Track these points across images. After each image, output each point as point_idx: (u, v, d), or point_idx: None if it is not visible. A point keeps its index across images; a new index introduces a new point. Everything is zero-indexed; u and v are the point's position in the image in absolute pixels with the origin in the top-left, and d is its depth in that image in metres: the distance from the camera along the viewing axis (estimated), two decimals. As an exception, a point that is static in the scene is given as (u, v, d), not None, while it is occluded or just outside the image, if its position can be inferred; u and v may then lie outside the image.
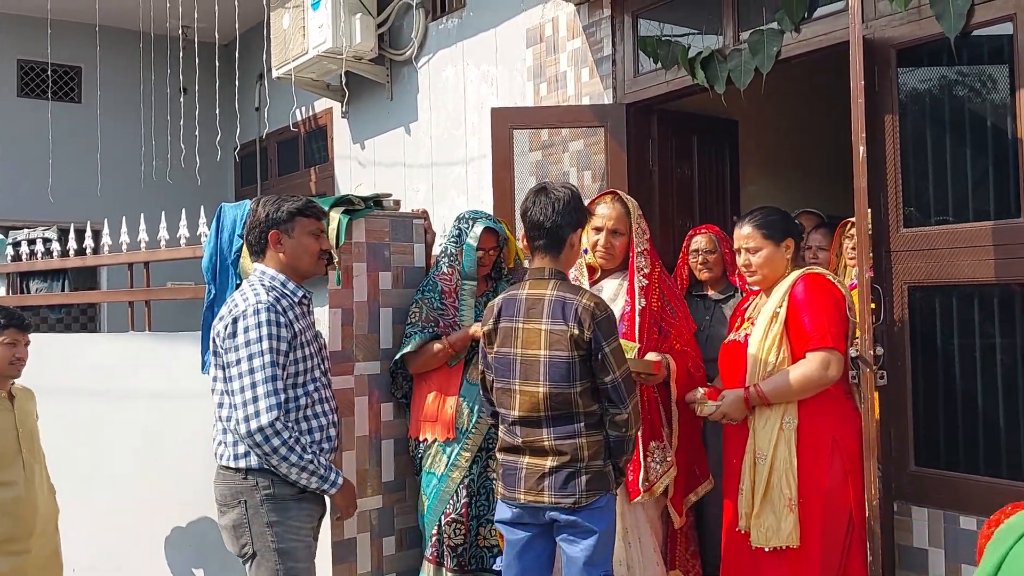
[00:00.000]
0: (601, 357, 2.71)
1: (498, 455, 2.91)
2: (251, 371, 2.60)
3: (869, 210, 3.20)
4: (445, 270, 3.76)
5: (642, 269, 3.31)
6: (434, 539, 3.64)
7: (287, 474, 2.64)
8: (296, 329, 2.70)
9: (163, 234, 4.41)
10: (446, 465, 3.63)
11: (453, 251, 3.76)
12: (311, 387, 2.75)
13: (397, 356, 3.68)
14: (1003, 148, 3.21)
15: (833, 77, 5.32)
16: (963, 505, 3.24)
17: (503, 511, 2.88)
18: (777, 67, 3.94)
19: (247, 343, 2.61)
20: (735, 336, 3.20)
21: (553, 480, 2.73)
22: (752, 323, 3.13)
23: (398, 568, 3.85)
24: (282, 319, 2.65)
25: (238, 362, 2.62)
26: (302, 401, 2.73)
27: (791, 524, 2.94)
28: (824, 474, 2.97)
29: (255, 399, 2.59)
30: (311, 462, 2.66)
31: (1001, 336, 3.25)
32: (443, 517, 3.63)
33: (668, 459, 3.24)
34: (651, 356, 3.13)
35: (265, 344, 2.60)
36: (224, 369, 2.66)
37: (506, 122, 4.67)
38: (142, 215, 4.59)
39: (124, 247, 4.59)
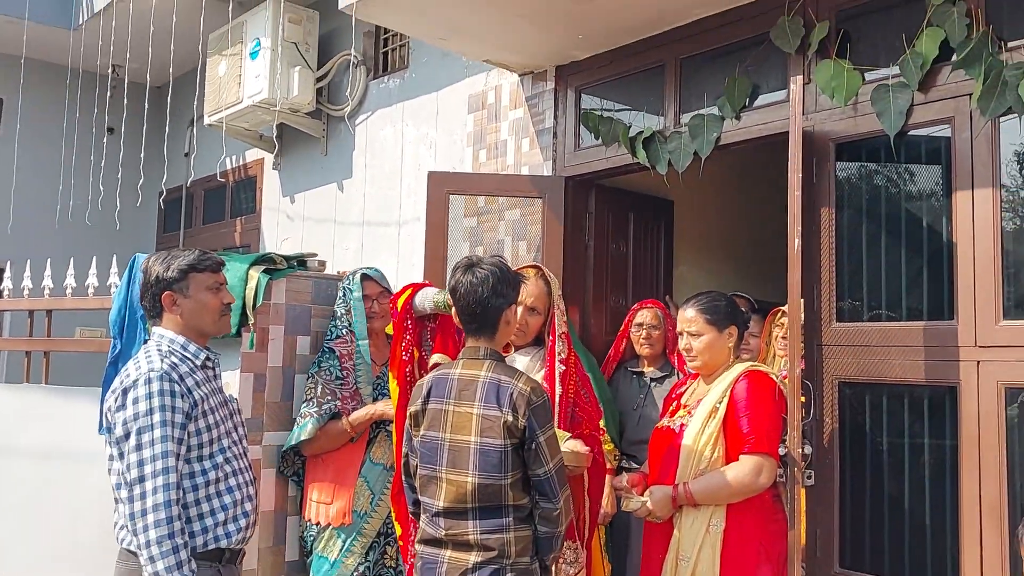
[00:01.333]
0: (535, 447, 2.55)
1: (417, 547, 2.71)
2: (138, 447, 2.36)
3: (802, 300, 3.17)
4: (341, 334, 3.57)
5: (561, 354, 3.20)
6: None
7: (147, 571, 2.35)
8: (196, 397, 2.47)
9: (70, 281, 4.15)
10: (340, 550, 3.39)
11: (342, 312, 3.58)
12: (220, 458, 2.51)
13: (291, 442, 3.43)
14: (938, 248, 3.21)
15: (769, 165, 5.39)
16: (887, 611, 3.16)
17: None
18: (715, 152, 3.93)
19: (135, 416, 2.37)
20: (669, 423, 3.09)
21: None
22: (689, 412, 3.03)
23: (298, 655, 3.59)
24: (177, 388, 2.42)
25: (126, 436, 2.38)
26: (211, 475, 2.48)
27: None
28: None
29: (141, 479, 2.35)
30: None
31: (930, 438, 3.21)
32: None
33: (580, 560, 3.10)
34: (577, 446, 2.99)
35: (156, 417, 2.37)
36: (117, 444, 2.42)
37: (443, 186, 4.56)
38: (48, 260, 4.32)
39: (26, 292, 4.31)
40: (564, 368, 3.17)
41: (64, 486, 3.89)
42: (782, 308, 3.74)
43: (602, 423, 3.49)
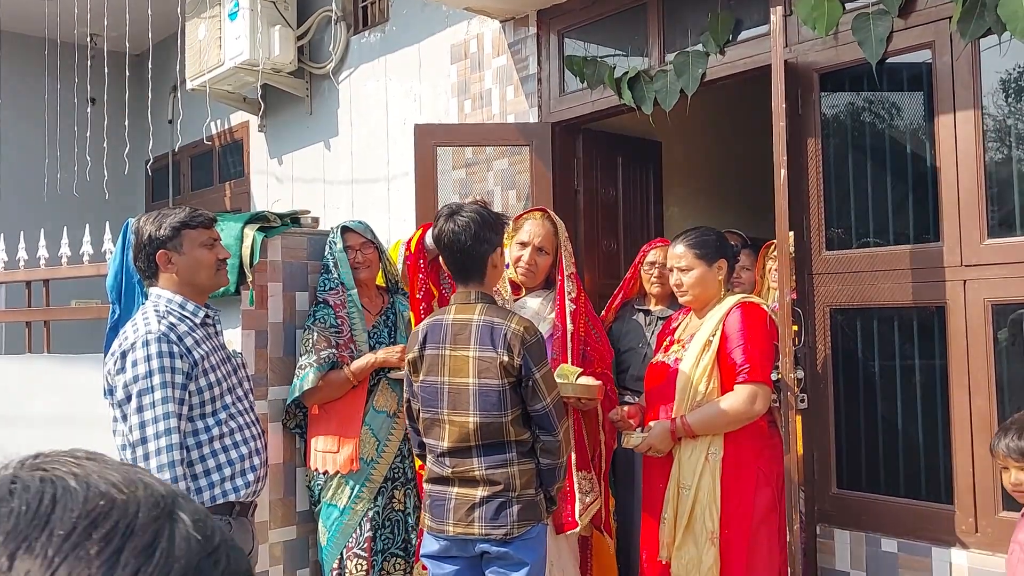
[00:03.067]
0: (532, 384, 2.61)
1: (425, 486, 2.79)
2: (139, 409, 2.38)
3: (791, 232, 3.22)
4: (333, 286, 3.61)
5: (571, 293, 3.25)
6: (335, 573, 3.48)
7: None
8: (196, 356, 2.49)
9: (64, 250, 4.17)
10: (349, 497, 3.46)
11: (330, 265, 3.63)
12: (223, 415, 2.55)
13: (295, 394, 3.45)
14: (922, 173, 3.26)
15: (756, 100, 5.39)
16: (884, 527, 3.26)
17: (430, 544, 2.75)
18: (700, 90, 3.94)
19: (135, 378, 2.39)
20: (663, 357, 3.15)
21: (484, 511, 2.62)
22: (683, 347, 3.09)
23: (313, 602, 3.69)
24: (175, 348, 2.44)
25: (128, 399, 2.40)
26: (214, 431, 2.52)
27: (712, 558, 2.90)
28: (749, 507, 2.94)
29: (144, 440, 2.38)
30: None
31: (920, 358, 3.28)
32: (345, 551, 3.47)
33: (595, 489, 3.18)
34: (589, 380, 3.06)
35: (156, 379, 2.38)
36: (120, 407, 2.46)
37: (430, 139, 4.57)
38: (42, 231, 4.34)
39: (22, 264, 4.33)
40: (575, 307, 3.22)
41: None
42: (775, 242, 3.76)
43: None
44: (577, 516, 3.07)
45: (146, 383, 2.38)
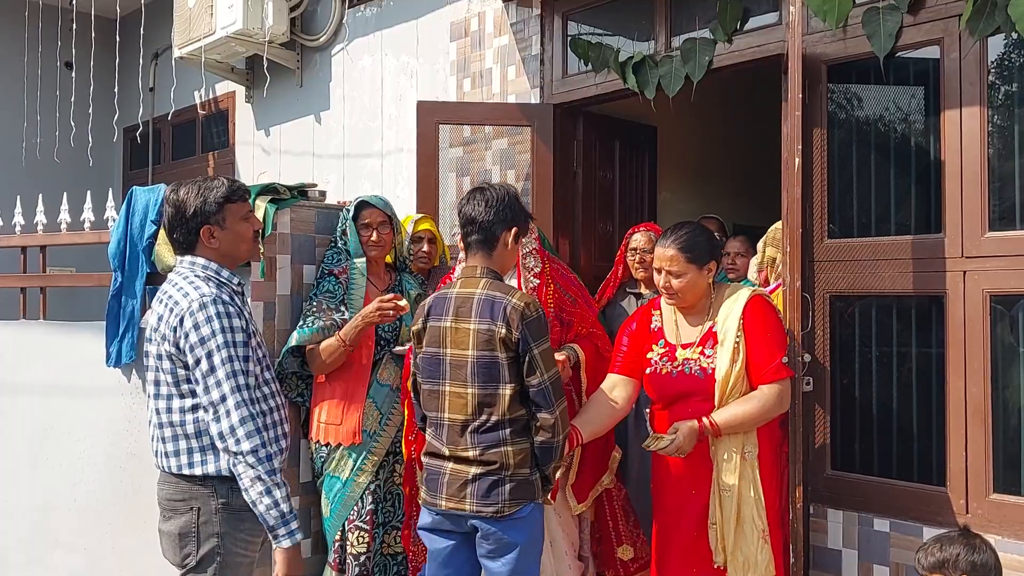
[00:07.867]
0: (529, 359, 2.64)
1: (423, 459, 2.84)
2: (211, 370, 2.37)
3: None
4: (338, 259, 3.62)
5: (532, 269, 3.31)
6: (337, 545, 3.53)
7: (249, 492, 2.38)
8: (245, 317, 2.52)
9: (64, 217, 4.13)
10: (352, 469, 3.50)
11: (338, 234, 3.65)
12: (260, 379, 2.56)
13: (285, 349, 3.44)
14: (925, 166, 3.36)
15: (750, 88, 5.47)
16: (876, 507, 3.37)
17: (424, 517, 2.80)
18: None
19: (201, 340, 2.38)
20: (670, 367, 3.06)
21: (476, 487, 2.65)
22: (702, 353, 3.01)
23: (313, 572, 3.72)
24: (232, 309, 2.44)
25: (197, 362, 2.39)
26: (255, 394, 2.51)
27: (767, 556, 2.89)
28: (777, 496, 3.00)
29: (223, 398, 2.37)
30: (278, 487, 2.39)
31: (916, 346, 3.39)
32: (346, 523, 3.51)
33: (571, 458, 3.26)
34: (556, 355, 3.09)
35: (220, 339, 2.39)
36: (171, 373, 2.45)
37: (432, 116, 4.57)
38: (40, 196, 4.28)
39: (18, 228, 4.27)
40: (537, 282, 3.26)
41: (70, 421, 3.92)
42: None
43: None
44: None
45: (212, 344, 2.38)
